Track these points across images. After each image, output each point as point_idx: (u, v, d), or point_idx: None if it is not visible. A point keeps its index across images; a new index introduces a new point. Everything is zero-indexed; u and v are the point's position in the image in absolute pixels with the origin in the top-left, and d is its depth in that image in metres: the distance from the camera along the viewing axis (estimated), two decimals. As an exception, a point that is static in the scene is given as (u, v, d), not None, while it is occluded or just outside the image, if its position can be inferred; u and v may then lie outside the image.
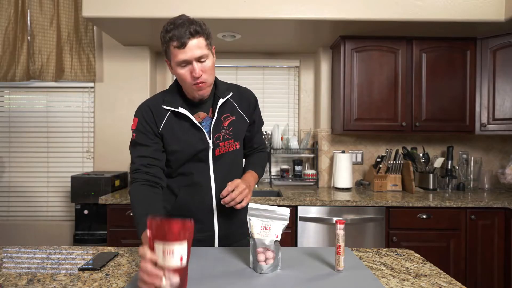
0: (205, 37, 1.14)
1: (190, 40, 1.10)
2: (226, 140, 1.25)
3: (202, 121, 1.25)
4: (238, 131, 1.28)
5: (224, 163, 1.26)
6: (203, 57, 1.13)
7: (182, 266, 0.80)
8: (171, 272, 0.79)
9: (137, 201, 1.11)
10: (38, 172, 2.94)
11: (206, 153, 1.24)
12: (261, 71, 3.05)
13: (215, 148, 1.24)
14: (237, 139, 1.28)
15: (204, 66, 1.14)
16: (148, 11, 2.19)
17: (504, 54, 2.44)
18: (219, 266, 1.02)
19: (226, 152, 1.26)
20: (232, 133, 1.26)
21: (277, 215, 0.99)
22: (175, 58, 1.13)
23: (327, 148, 2.90)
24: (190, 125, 1.22)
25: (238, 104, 1.30)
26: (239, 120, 1.29)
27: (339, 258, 0.98)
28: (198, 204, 1.24)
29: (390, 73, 2.53)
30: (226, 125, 1.26)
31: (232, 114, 1.28)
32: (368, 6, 2.21)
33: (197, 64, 1.13)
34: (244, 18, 2.21)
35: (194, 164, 1.24)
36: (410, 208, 2.23)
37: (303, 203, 2.22)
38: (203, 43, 1.13)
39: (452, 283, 0.92)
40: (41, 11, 2.75)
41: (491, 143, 2.89)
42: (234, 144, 1.27)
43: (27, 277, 0.95)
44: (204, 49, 1.13)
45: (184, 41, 1.09)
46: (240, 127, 1.29)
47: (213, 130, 1.23)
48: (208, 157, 1.24)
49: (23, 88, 2.92)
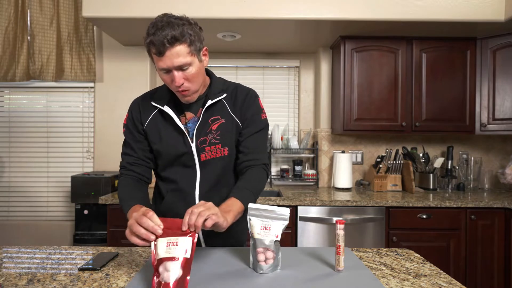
0: (188, 43, 1.03)
1: (168, 49, 1.00)
2: (213, 145, 1.16)
3: (189, 122, 1.18)
4: (227, 135, 1.18)
5: (212, 171, 1.18)
6: (185, 65, 1.04)
7: (186, 257, 0.80)
8: (173, 263, 0.80)
9: (122, 189, 1.14)
10: (38, 172, 2.94)
11: (190, 157, 1.17)
12: (261, 71, 3.05)
13: (200, 152, 1.16)
14: (225, 144, 1.17)
15: (187, 74, 1.06)
16: (148, 11, 2.19)
17: (504, 54, 2.44)
18: (219, 266, 1.02)
19: (214, 158, 1.17)
20: (220, 137, 1.16)
21: (277, 215, 0.99)
22: (156, 64, 1.06)
23: (327, 148, 2.90)
24: (173, 126, 1.16)
25: (231, 105, 1.20)
26: (229, 123, 1.18)
27: (339, 258, 0.98)
28: (181, 211, 1.09)
29: (390, 73, 2.53)
30: (215, 129, 1.16)
31: (222, 116, 1.18)
32: (368, 6, 2.21)
33: (177, 73, 1.05)
34: (244, 18, 2.21)
35: (181, 169, 1.19)
36: (410, 208, 2.23)
37: (303, 203, 2.22)
38: (184, 50, 1.02)
39: (452, 283, 0.92)
40: (41, 11, 2.75)
41: (491, 143, 2.89)
42: (222, 149, 1.17)
43: (27, 277, 0.95)
44: (185, 57, 1.03)
45: (161, 50, 1.00)
46: (230, 131, 1.18)
47: (197, 132, 1.15)
48: (194, 162, 1.17)
49: (23, 88, 2.92)
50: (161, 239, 0.81)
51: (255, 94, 1.26)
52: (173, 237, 0.81)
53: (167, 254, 0.80)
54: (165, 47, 1.00)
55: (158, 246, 0.81)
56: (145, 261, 1.09)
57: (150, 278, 0.93)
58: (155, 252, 0.82)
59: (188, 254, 0.81)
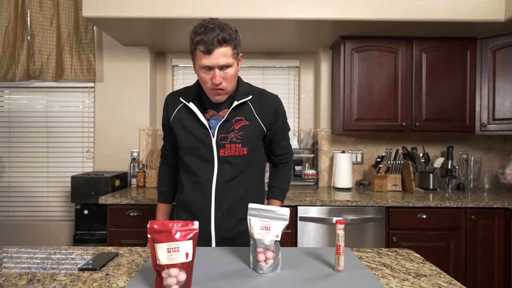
0: (233, 46, 1.14)
1: (217, 48, 1.10)
2: (233, 143, 1.24)
3: (211, 118, 1.26)
4: (249, 137, 1.26)
5: (230, 167, 1.25)
6: (227, 65, 1.14)
7: (188, 261, 0.80)
8: (177, 269, 0.80)
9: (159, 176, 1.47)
10: (38, 172, 2.94)
11: (210, 151, 1.25)
12: (261, 71, 3.05)
13: (219, 148, 1.24)
14: (245, 145, 1.25)
15: (226, 74, 1.16)
16: (148, 11, 2.19)
17: (504, 54, 2.44)
18: (219, 266, 1.02)
19: (233, 155, 1.25)
20: (242, 138, 1.25)
21: (277, 215, 0.99)
22: (199, 61, 1.15)
23: (327, 148, 2.90)
24: (197, 120, 1.26)
25: (257, 109, 1.28)
26: (252, 126, 1.27)
27: (339, 258, 0.98)
28: (198, 202, 1.28)
29: (390, 73, 2.53)
30: (238, 128, 1.25)
31: (246, 118, 1.26)
32: (368, 6, 2.21)
33: (219, 72, 1.15)
34: (244, 18, 2.20)
35: (200, 162, 1.27)
36: (410, 208, 2.23)
37: (303, 203, 2.22)
38: (229, 52, 1.13)
39: (452, 283, 0.92)
40: (41, 11, 2.75)
41: (491, 143, 2.89)
42: (241, 149, 1.25)
43: (27, 277, 0.95)
44: (229, 58, 1.14)
45: (210, 48, 1.10)
46: (252, 133, 1.26)
47: (219, 129, 1.24)
48: (213, 157, 1.25)
49: (23, 88, 2.92)
50: (160, 244, 0.80)
51: (280, 101, 1.38)
52: (173, 242, 0.80)
53: (169, 261, 0.79)
54: (214, 46, 1.10)
55: (158, 252, 0.80)
56: (145, 261, 1.09)
57: (150, 278, 0.93)
58: (156, 257, 0.81)
59: (190, 257, 0.81)
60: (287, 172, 1.45)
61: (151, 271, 0.97)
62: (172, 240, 0.79)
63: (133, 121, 2.86)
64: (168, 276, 0.80)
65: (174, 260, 0.79)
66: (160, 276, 0.81)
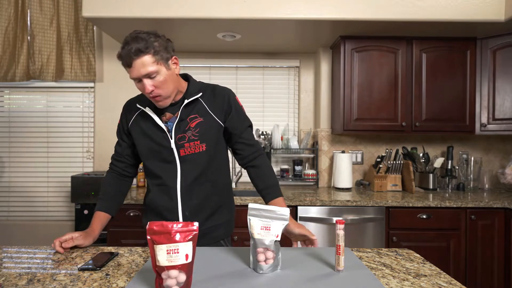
0: (152, 53, 1.14)
1: (134, 60, 1.13)
2: (191, 141, 1.26)
3: (169, 120, 1.28)
4: (205, 133, 1.27)
5: (192, 166, 1.27)
6: (152, 73, 1.15)
7: (187, 262, 0.80)
8: (176, 270, 0.79)
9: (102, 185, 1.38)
10: (38, 172, 2.94)
11: (170, 152, 1.27)
12: (261, 71, 3.05)
13: (179, 148, 1.26)
14: (203, 141, 1.27)
15: (155, 82, 1.17)
16: (148, 11, 2.19)
17: (504, 54, 2.44)
18: (219, 266, 1.02)
19: (194, 153, 1.26)
20: (199, 134, 1.26)
21: (277, 215, 0.99)
22: (129, 75, 1.19)
23: (327, 148, 2.90)
24: (154, 124, 1.28)
25: (209, 105, 1.29)
26: (207, 122, 1.28)
27: (339, 258, 0.98)
28: (165, 204, 1.30)
29: (390, 73, 2.53)
30: (193, 126, 1.26)
31: (200, 115, 1.27)
32: (368, 6, 2.21)
33: (146, 81, 1.16)
34: (244, 18, 2.20)
35: (163, 164, 1.28)
36: (410, 208, 2.23)
37: (303, 203, 2.22)
38: (149, 60, 1.13)
39: (452, 283, 0.92)
40: (41, 11, 2.75)
41: (491, 143, 2.89)
42: (200, 145, 1.27)
43: (27, 277, 0.95)
44: (151, 66, 1.14)
45: (129, 61, 1.13)
46: (208, 128, 1.28)
47: (176, 130, 1.25)
48: (174, 158, 1.27)
49: (23, 88, 2.92)
50: (160, 246, 0.79)
51: (233, 93, 1.37)
52: (173, 243, 0.80)
53: (169, 263, 0.79)
54: (131, 59, 1.13)
55: (158, 254, 0.79)
56: (145, 261, 1.09)
57: (150, 278, 0.93)
58: (155, 258, 0.80)
59: (190, 258, 0.81)
60: (265, 167, 1.34)
61: (151, 271, 0.97)
62: (172, 241, 0.79)
63: (133, 121, 2.85)
64: (168, 277, 0.80)
65: (174, 262, 0.79)
66: (160, 277, 0.81)
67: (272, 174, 1.35)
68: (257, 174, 1.34)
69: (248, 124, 1.37)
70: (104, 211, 1.32)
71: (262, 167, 1.34)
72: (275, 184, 1.33)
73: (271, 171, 1.36)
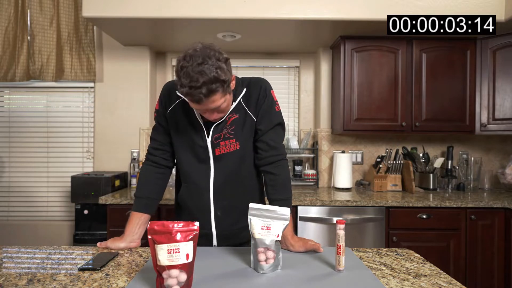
0: (222, 88, 1.05)
1: (204, 100, 1.03)
2: (227, 139, 1.19)
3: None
4: (240, 130, 1.21)
5: (225, 165, 1.21)
6: (221, 105, 1.08)
7: (188, 262, 0.80)
8: (177, 270, 0.80)
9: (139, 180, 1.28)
10: (38, 172, 2.94)
11: (205, 151, 1.20)
12: (261, 71, 3.05)
13: (215, 147, 1.20)
14: (238, 139, 1.20)
15: (220, 109, 1.10)
16: (148, 11, 2.18)
17: (504, 54, 2.44)
18: (220, 266, 1.02)
19: (228, 152, 1.20)
20: (234, 132, 1.20)
21: (277, 215, 0.99)
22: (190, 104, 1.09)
23: (327, 148, 2.90)
24: (192, 119, 1.21)
25: (245, 101, 1.22)
26: (242, 118, 1.21)
27: (339, 258, 0.98)
28: (196, 203, 1.25)
29: (390, 73, 2.52)
30: (229, 124, 1.20)
31: (236, 111, 1.20)
32: (368, 6, 2.21)
33: (212, 111, 1.10)
34: (244, 18, 2.20)
35: (195, 162, 1.22)
36: (410, 208, 2.23)
37: (303, 203, 2.22)
38: (219, 97, 1.05)
39: (452, 283, 0.92)
40: (41, 11, 2.75)
41: (491, 143, 2.89)
42: (235, 144, 1.20)
43: (27, 277, 0.95)
44: (220, 100, 1.06)
45: (199, 101, 1.03)
46: (242, 125, 1.21)
47: (214, 129, 1.19)
48: (208, 157, 1.21)
49: (23, 88, 2.92)
50: (161, 245, 0.79)
51: (269, 85, 1.27)
52: (174, 243, 0.80)
53: (170, 262, 0.79)
54: (202, 100, 1.03)
55: (158, 253, 0.79)
56: (145, 261, 1.09)
57: (150, 278, 0.93)
58: (156, 258, 0.80)
59: (190, 258, 0.81)
60: (283, 178, 1.22)
61: (151, 271, 0.97)
62: (173, 241, 0.79)
63: (133, 121, 2.86)
64: (168, 277, 0.80)
65: (174, 261, 0.79)
66: (160, 277, 0.81)
67: (288, 186, 1.24)
68: (273, 183, 1.23)
69: (277, 122, 1.25)
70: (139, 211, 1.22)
71: (279, 178, 1.22)
72: (288, 198, 1.22)
73: (288, 183, 1.24)
